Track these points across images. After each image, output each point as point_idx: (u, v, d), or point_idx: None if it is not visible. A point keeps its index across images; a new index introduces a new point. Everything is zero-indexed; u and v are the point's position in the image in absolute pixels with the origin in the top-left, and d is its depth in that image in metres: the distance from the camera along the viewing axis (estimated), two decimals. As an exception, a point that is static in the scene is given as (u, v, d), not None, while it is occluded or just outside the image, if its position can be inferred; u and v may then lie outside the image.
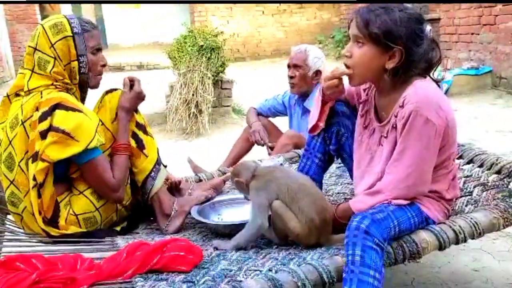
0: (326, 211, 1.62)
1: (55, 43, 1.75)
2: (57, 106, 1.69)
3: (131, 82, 1.92)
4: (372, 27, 1.47)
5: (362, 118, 1.71)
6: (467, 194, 1.88)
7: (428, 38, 1.50)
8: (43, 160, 1.68)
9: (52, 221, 1.76)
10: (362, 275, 1.29)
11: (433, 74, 1.57)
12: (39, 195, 1.72)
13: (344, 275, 1.33)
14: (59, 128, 1.67)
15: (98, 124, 1.78)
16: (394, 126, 1.53)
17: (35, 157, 1.70)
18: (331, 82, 1.66)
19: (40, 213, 1.74)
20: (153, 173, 1.90)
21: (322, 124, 1.82)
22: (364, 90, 1.72)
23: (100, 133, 1.77)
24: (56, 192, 1.77)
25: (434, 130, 1.45)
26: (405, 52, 1.46)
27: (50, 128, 1.68)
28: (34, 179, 1.70)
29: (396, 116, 1.52)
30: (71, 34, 1.77)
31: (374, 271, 1.30)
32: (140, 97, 1.92)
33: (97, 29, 1.86)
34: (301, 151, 2.29)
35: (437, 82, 1.58)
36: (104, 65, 1.89)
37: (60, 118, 1.68)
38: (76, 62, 1.79)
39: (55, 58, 1.76)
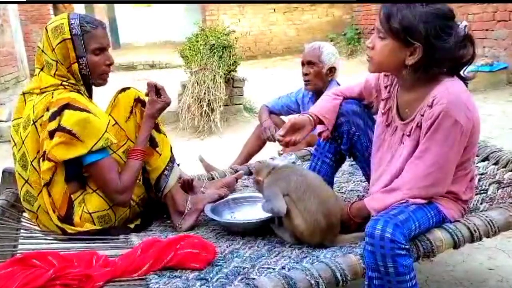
0: (333, 215, 1.60)
1: (55, 47, 1.76)
2: (66, 106, 1.70)
3: (156, 89, 1.89)
4: (393, 22, 1.42)
5: (384, 115, 1.66)
6: (482, 191, 1.87)
7: (459, 35, 1.43)
8: (49, 160, 1.70)
9: (67, 218, 1.78)
10: (400, 284, 1.32)
11: (463, 72, 1.50)
12: (50, 194, 1.74)
13: (376, 282, 1.34)
14: (65, 128, 1.68)
15: (108, 124, 1.78)
16: (419, 125, 1.49)
17: (44, 156, 1.72)
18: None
19: (54, 211, 1.76)
20: (166, 171, 1.90)
21: (327, 133, 1.85)
22: (386, 87, 1.68)
23: (111, 133, 1.78)
24: (69, 190, 1.79)
25: (461, 132, 1.42)
26: (425, 49, 1.41)
27: (58, 128, 1.69)
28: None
29: (422, 115, 1.48)
30: (69, 37, 1.75)
31: (409, 274, 1.33)
32: (168, 105, 1.92)
33: (99, 29, 1.80)
34: (313, 149, 2.28)
35: (465, 80, 1.51)
36: (110, 64, 1.85)
37: (68, 118, 1.68)
38: (76, 64, 1.78)
39: (57, 62, 1.76)
